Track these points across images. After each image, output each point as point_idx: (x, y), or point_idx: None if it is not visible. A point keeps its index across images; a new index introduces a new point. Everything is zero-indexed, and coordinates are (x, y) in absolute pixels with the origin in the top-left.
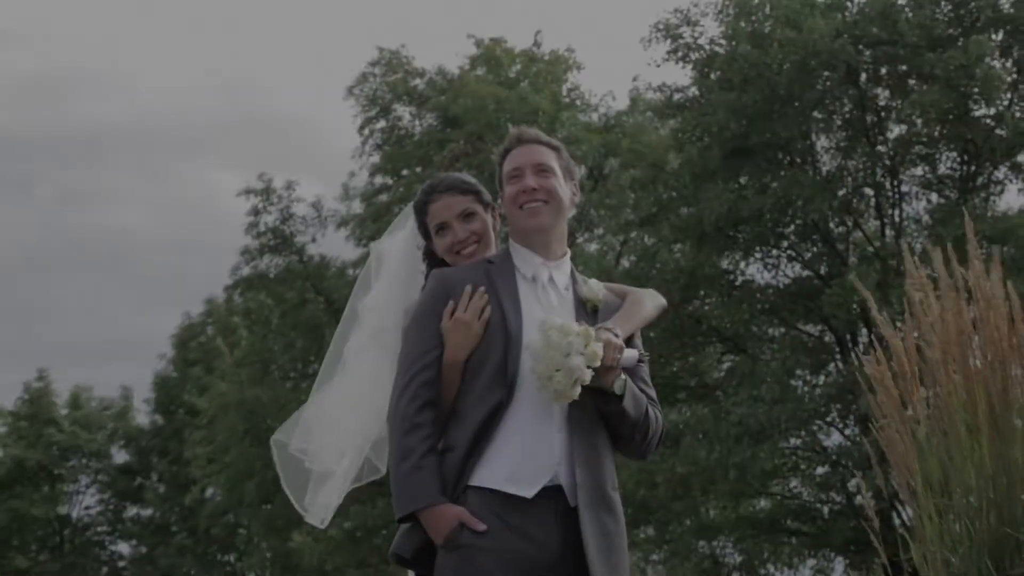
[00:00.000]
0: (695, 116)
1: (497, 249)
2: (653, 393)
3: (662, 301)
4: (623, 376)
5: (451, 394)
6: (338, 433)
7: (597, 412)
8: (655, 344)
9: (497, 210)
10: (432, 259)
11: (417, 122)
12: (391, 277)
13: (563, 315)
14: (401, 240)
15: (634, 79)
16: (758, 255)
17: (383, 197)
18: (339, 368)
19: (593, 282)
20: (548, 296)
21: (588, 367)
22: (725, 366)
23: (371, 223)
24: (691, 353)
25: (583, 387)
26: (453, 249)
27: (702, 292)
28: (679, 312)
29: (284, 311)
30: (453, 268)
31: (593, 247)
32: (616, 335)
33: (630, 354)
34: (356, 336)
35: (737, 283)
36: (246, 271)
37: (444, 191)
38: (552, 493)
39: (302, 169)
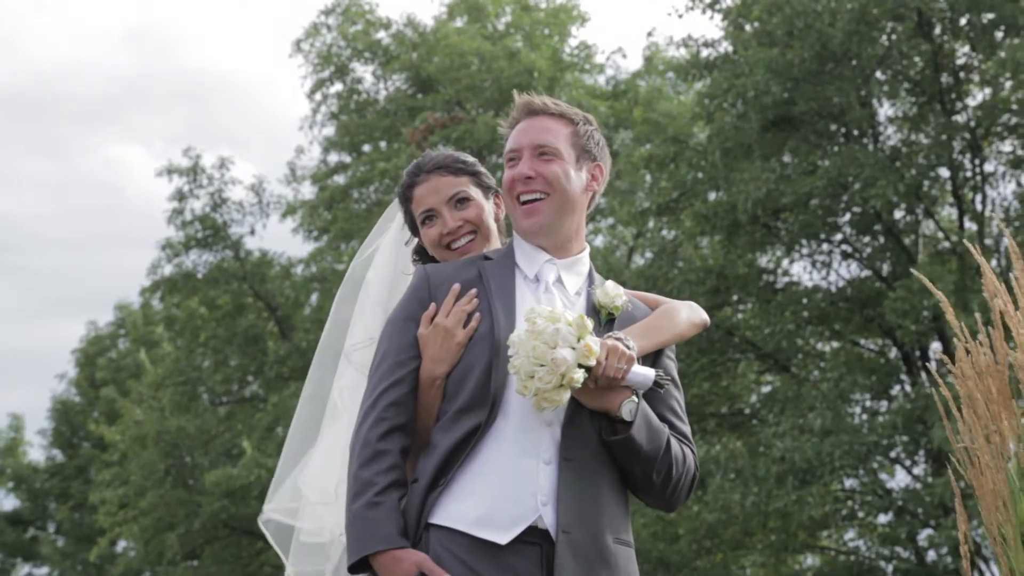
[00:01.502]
0: (727, 77)
1: (501, 244)
2: (686, 429)
3: (702, 316)
4: (635, 399)
5: (428, 419)
6: (342, 506)
7: (602, 443)
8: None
9: (500, 196)
10: (425, 258)
11: (382, 85)
12: (374, 302)
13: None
14: (387, 249)
15: (650, 33)
16: (804, 250)
17: (339, 179)
18: (330, 417)
19: (610, 284)
20: (552, 300)
21: (580, 366)
22: (764, 389)
23: (324, 211)
24: (721, 373)
25: (583, 407)
26: (442, 242)
27: (735, 297)
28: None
29: (216, 319)
30: (441, 264)
31: (599, 241)
32: (627, 345)
33: (642, 372)
34: (348, 375)
35: (778, 285)
36: (168, 270)
37: (431, 171)
38: (536, 537)
39: (238, 144)
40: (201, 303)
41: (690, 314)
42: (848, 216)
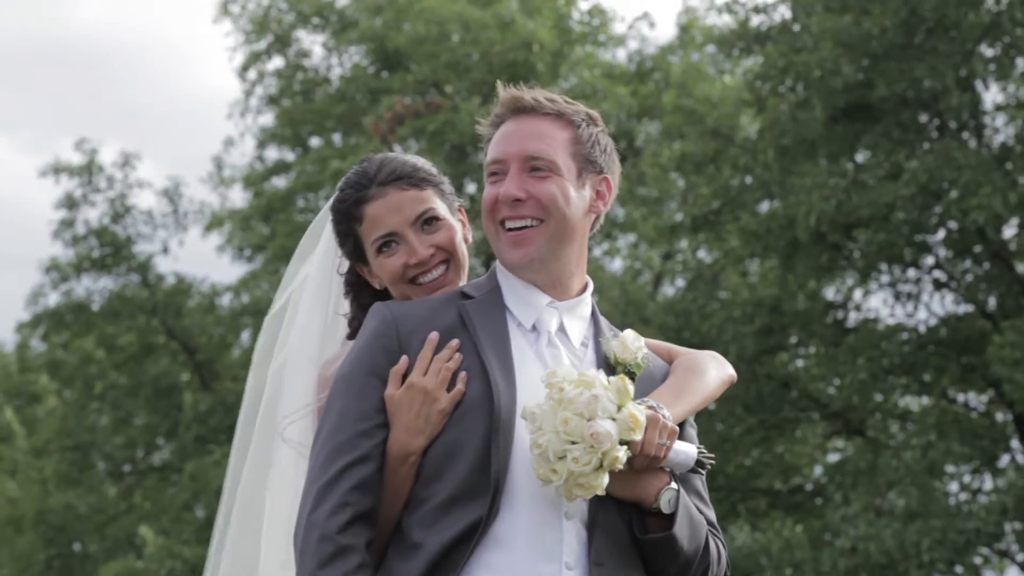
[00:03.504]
0: (784, 53)
1: (467, 273)
2: (712, 515)
3: (730, 371)
4: (674, 485)
5: (395, 504)
6: None
7: (631, 540)
8: (712, 421)
9: (463, 209)
10: (360, 293)
11: (335, 60)
12: (307, 357)
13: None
14: (315, 283)
15: None
16: (884, 279)
17: (279, 182)
18: (263, 517)
19: (628, 335)
20: (558, 356)
21: (623, 443)
22: (830, 458)
23: (259, 224)
24: (775, 437)
25: (607, 496)
26: (406, 275)
27: (793, 338)
28: (755, 371)
29: (116, 365)
30: (410, 304)
31: (616, 265)
32: (663, 415)
33: (683, 449)
34: (283, 458)
35: (849, 324)
36: (53, 299)
37: (389, 182)
38: None
39: (146, 135)
40: (97, 343)
41: (718, 369)
42: (942, 234)
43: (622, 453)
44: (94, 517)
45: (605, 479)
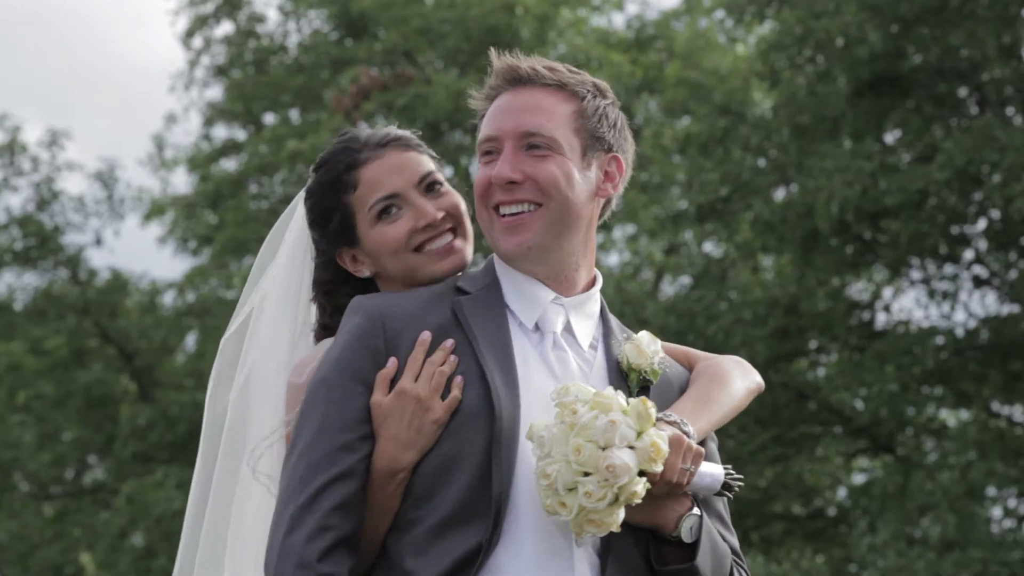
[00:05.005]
0: (801, 18)
1: (472, 249)
2: (735, 542)
3: (757, 379)
4: (696, 511)
5: (379, 525)
6: None
7: (649, 571)
8: (721, 437)
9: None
10: (337, 290)
11: (292, 26)
12: (275, 369)
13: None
14: (282, 283)
15: None
16: (916, 276)
17: (229, 164)
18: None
19: (643, 337)
20: (565, 360)
21: (642, 473)
22: (856, 479)
23: (207, 212)
24: (792, 455)
25: (623, 521)
26: (411, 243)
27: (812, 343)
28: (769, 379)
29: (42, 371)
30: (393, 296)
31: (612, 259)
32: (686, 431)
33: (711, 471)
34: (254, 496)
35: (877, 327)
36: None
37: (385, 144)
38: None
39: (75, 110)
40: (21, 347)
41: (745, 377)
42: (982, 224)
43: (640, 487)
44: (16, 546)
45: (620, 515)
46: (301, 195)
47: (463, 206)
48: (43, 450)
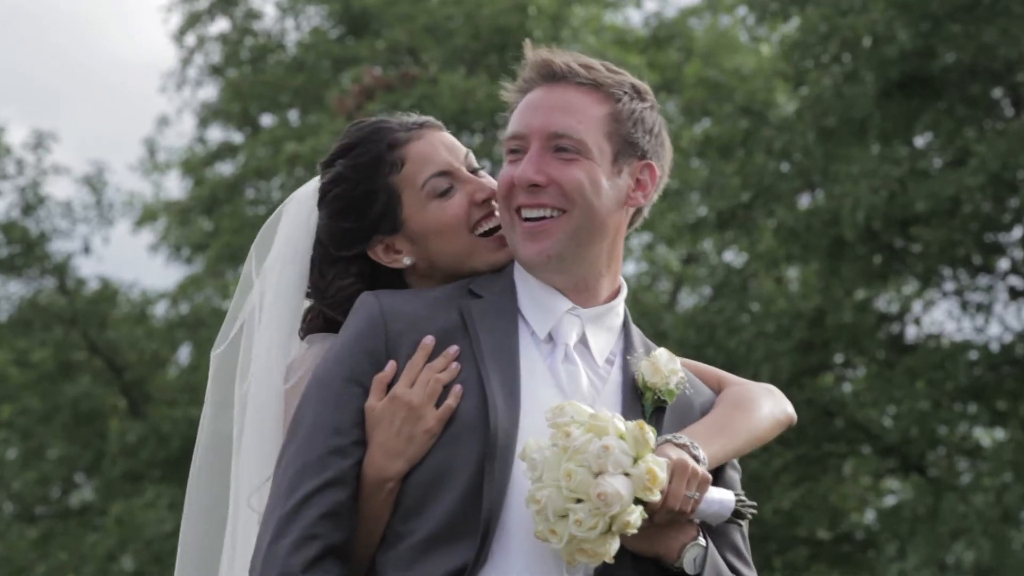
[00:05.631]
0: (827, 15)
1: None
2: (751, 575)
3: (788, 410)
4: (701, 541)
5: (369, 537)
6: None
7: None
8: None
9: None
10: (331, 307)
11: (291, 24)
12: (275, 395)
13: (598, 408)
14: (279, 295)
15: None
16: (948, 287)
17: (225, 168)
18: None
19: (662, 355)
20: (575, 375)
21: (638, 502)
22: (885, 501)
23: (201, 218)
24: (818, 476)
25: (621, 547)
26: (471, 220)
27: (839, 357)
28: (793, 396)
29: (27, 385)
30: (401, 294)
31: (629, 268)
32: (696, 455)
33: (717, 498)
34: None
35: (908, 340)
36: None
37: (423, 125)
38: None
39: (63, 111)
40: (5, 359)
41: (773, 407)
42: (1018, 232)
43: (635, 517)
44: (2, 566)
45: (615, 545)
46: (293, 199)
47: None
48: (28, 468)
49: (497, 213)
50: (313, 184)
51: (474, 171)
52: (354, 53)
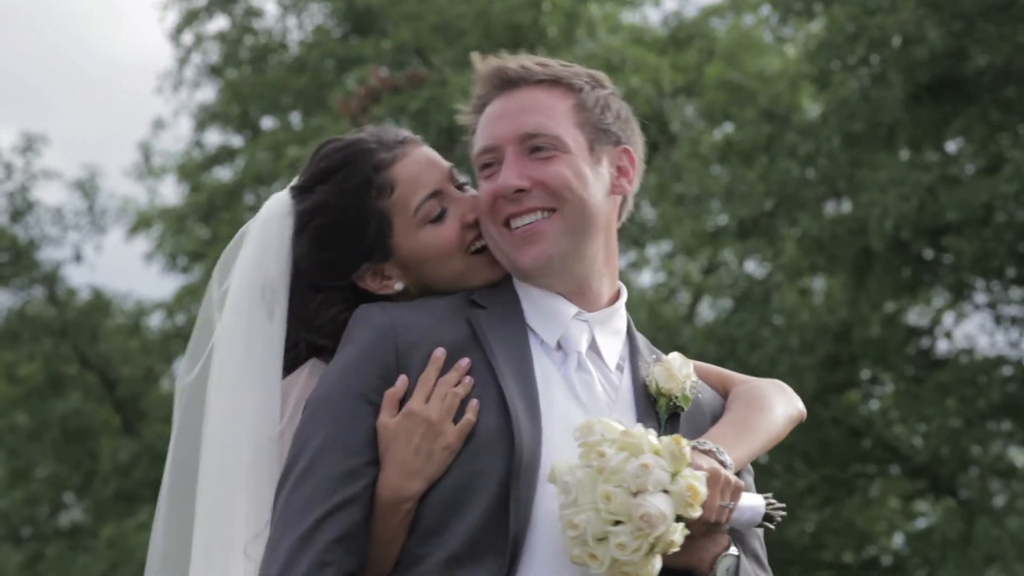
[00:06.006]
0: (854, 15)
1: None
2: None
3: (798, 405)
4: (734, 551)
5: (384, 564)
6: None
7: None
8: (765, 476)
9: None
10: (322, 339)
11: (293, 22)
12: (266, 438)
13: (616, 418)
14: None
15: None
16: (981, 299)
17: (223, 173)
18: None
19: (675, 359)
20: (589, 384)
21: (679, 519)
22: (915, 524)
23: (198, 225)
24: (843, 497)
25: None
26: (464, 242)
27: (866, 373)
28: (818, 413)
29: (15, 400)
30: (404, 306)
31: (645, 279)
32: (723, 462)
33: (752, 504)
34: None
35: (938, 355)
36: None
37: (405, 141)
38: None
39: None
40: None
41: (786, 403)
42: None
43: (678, 535)
44: None
45: (657, 565)
46: (259, 218)
47: None
48: (15, 488)
49: (482, 238)
50: (282, 201)
51: (460, 187)
52: (359, 53)
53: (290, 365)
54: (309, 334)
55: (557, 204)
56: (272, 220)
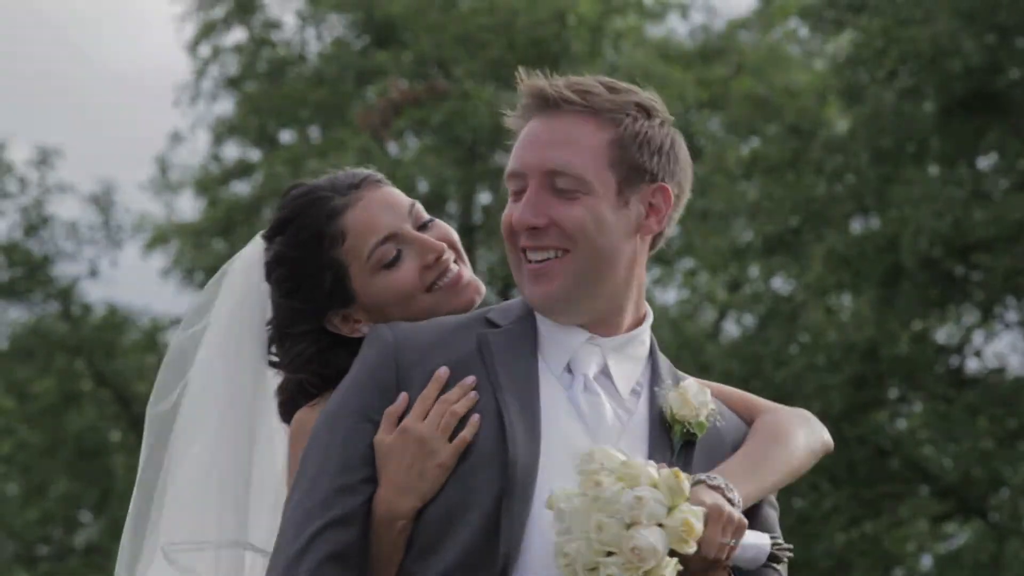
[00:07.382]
0: (885, 27)
1: (484, 289)
2: None
3: (825, 438)
4: None
5: None
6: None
7: None
8: (790, 497)
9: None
10: (334, 358)
11: (312, 33)
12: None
13: (623, 447)
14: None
15: None
16: (1012, 317)
17: (241, 187)
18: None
19: (691, 385)
20: (597, 406)
21: (673, 553)
22: (944, 546)
23: (215, 240)
24: (871, 517)
25: None
26: (423, 283)
27: (894, 392)
28: (845, 433)
29: (29, 418)
30: (414, 325)
31: (669, 296)
32: (731, 498)
33: (753, 543)
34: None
35: (968, 374)
36: None
37: (360, 185)
38: None
39: (69, 127)
40: (6, 390)
41: (809, 436)
42: None
43: (670, 570)
44: None
45: None
46: (239, 257)
47: (455, 234)
48: (29, 506)
49: (451, 265)
50: (259, 246)
51: (423, 225)
52: (379, 65)
53: (287, 403)
54: (290, 373)
55: (571, 246)
56: (255, 263)
